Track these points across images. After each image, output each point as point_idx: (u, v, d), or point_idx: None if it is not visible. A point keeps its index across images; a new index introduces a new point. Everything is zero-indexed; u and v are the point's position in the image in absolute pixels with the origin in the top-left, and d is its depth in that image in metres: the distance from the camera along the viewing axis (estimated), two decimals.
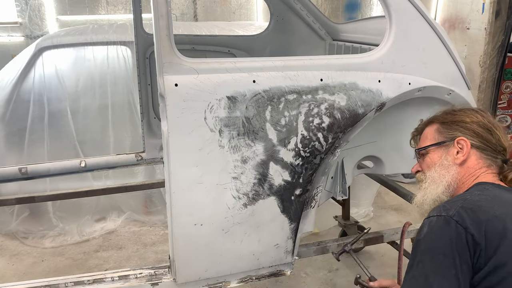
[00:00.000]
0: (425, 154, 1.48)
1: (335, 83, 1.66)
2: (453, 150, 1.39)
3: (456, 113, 1.45)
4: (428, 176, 1.43)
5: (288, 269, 1.89)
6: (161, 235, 3.51)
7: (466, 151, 1.37)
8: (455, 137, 1.39)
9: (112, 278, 1.77)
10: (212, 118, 1.53)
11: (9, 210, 3.39)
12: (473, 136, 1.38)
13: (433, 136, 1.46)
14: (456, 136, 1.39)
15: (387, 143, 2.09)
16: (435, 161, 1.43)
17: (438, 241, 1.17)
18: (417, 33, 1.78)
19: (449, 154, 1.39)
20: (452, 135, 1.41)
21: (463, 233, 1.14)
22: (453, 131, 1.41)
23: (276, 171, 1.67)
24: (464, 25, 4.69)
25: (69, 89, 3.40)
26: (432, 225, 1.21)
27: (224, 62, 1.55)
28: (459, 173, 1.38)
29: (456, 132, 1.40)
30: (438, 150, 1.43)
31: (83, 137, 3.43)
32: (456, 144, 1.38)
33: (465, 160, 1.37)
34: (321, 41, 2.92)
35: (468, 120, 1.40)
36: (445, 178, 1.38)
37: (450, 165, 1.38)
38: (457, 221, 1.16)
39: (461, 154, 1.37)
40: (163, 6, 1.41)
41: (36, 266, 3.11)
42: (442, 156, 1.41)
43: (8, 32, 4.68)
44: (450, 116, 1.45)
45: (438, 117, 1.49)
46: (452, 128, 1.42)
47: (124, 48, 3.49)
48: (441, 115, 1.49)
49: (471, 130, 1.39)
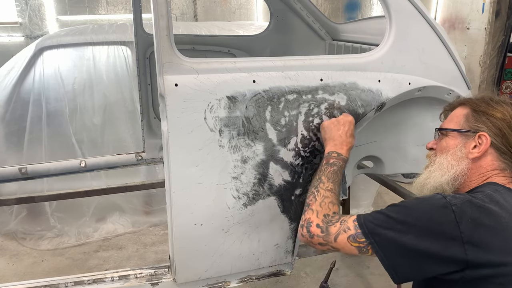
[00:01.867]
0: (444, 135, 1.40)
1: (335, 83, 1.66)
2: (471, 142, 1.31)
3: (491, 105, 1.33)
4: (438, 160, 1.36)
5: (288, 269, 1.89)
6: (161, 235, 3.51)
7: (483, 148, 1.28)
8: (478, 130, 1.30)
9: (112, 278, 1.77)
10: (212, 118, 1.53)
11: (7, 210, 3.39)
12: (497, 135, 1.29)
13: (459, 120, 1.37)
14: (480, 129, 1.30)
15: (387, 143, 2.09)
16: (449, 148, 1.35)
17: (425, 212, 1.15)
18: (417, 33, 1.78)
19: (465, 146, 1.32)
20: (477, 127, 1.31)
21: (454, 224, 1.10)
22: (480, 124, 1.31)
23: (276, 171, 1.67)
24: (464, 25, 4.69)
25: (69, 89, 3.40)
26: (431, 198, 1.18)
27: (224, 62, 1.55)
28: (470, 169, 1.30)
29: (482, 125, 1.30)
30: (457, 137, 1.35)
31: (83, 137, 3.43)
32: (477, 138, 1.30)
33: (480, 157, 1.29)
34: (321, 41, 2.92)
35: (499, 116, 1.30)
36: (453, 169, 1.31)
37: (463, 157, 1.31)
38: (455, 211, 1.12)
39: (477, 149, 1.29)
40: (163, 6, 1.41)
41: (36, 266, 3.11)
42: (459, 145, 1.33)
43: (8, 32, 4.69)
44: (484, 106, 1.33)
45: (473, 101, 1.38)
46: (480, 119, 1.31)
47: (124, 48, 3.49)
48: (477, 100, 1.37)
49: (497, 128, 1.29)
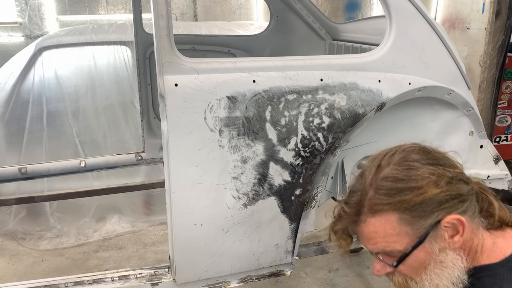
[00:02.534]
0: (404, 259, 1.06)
1: (335, 83, 1.66)
2: (441, 235, 1.02)
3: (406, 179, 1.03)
4: (425, 279, 1.07)
5: (288, 269, 1.89)
6: (161, 235, 3.51)
7: (462, 229, 1.02)
8: (437, 220, 1.01)
9: (112, 278, 1.77)
10: (212, 118, 1.53)
11: (7, 210, 3.38)
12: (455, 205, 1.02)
13: (400, 231, 1.03)
14: (438, 218, 1.01)
15: (387, 143, 2.08)
16: (425, 261, 1.05)
17: None
18: (417, 33, 1.78)
19: (439, 244, 1.03)
20: (432, 219, 1.01)
21: None
22: (429, 213, 1.01)
23: (276, 171, 1.67)
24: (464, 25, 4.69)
25: (68, 89, 3.40)
26: None
27: (224, 62, 1.55)
28: (465, 249, 1.06)
29: (433, 213, 1.01)
30: (424, 246, 1.03)
31: (83, 137, 3.42)
32: (443, 228, 1.02)
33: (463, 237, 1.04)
34: (321, 41, 2.92)
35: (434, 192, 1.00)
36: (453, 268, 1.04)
37: (450, 256, 1.04)
38: None
39: (458, 236, 1.03)
40: (163, 6, 1.41)
41: (36, 266, 3.10)
42: (433, 250, 1.03)
43: (8, 32, 4.69)
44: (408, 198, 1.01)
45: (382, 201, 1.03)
46: (424, 209, 1.01)
47: (124, 48, 3.49)
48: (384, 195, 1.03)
49: (444, 199, 1.01)
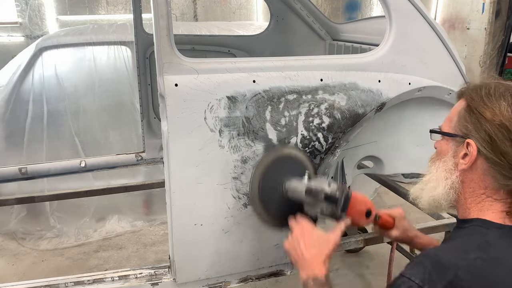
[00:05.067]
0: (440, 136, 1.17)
1: (335, 83, 1.66)
2: (461, 150, 1.07)
3: (484, 99, 1.05)
4: (432, 169, 1.16)
5: (288, 269, 1.89)
6: (161, 235, 3.51)
7: (469, 160, 1.05)
8: (468, 134, 1.05)
9: (112, 278, 1.77)
10: (212, 118, 1.53)
11: (7, 210, 3.38)
12: (485, 141, 1.02)
13: (453, 118, 1.12)
14: (469, 134, 1.05)
15: (387, 143, 2.09)
16: (442, 154, 1.14)
17: None
18: (417, 33, 1.78)
19: (456, 153, 1.09)
20: (467, 130, 1.06)
21: None
22: (469, 125, 1.05)
23: None
24: (464, 25, 4.70)
25: (68, 89, 3.40)
26: None
27: (224, 62, 1.55)
28: (462, 182, 1.09)
29: (472, 127, 1.05)
30: (449, 142, 1.12)
31: (83, 137, 3.42)
32: (465, 146, 1.06)
33: (470, 169, 1.07)
34: (321, 41, 2.93)
35: (489, 117, 1.01)
36: (444, 181, 1.11)
37: (452, 168, 1.10)
38: None
39: (464, 160, 1.07)
40: (163, 6, 1.41)
41: (36, 266, 3.11)
42: (450, 152, 1.11)
43: (8, 32, 4.68)
44: (478, 100, 1.05)
45: (470, 92, 1.09)
46: (470, 119, 1.05)
47: (124, 48, 3.49)
48: (474, 91, 1.08)
49: (485, 131, 1.02)
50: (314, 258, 1.22)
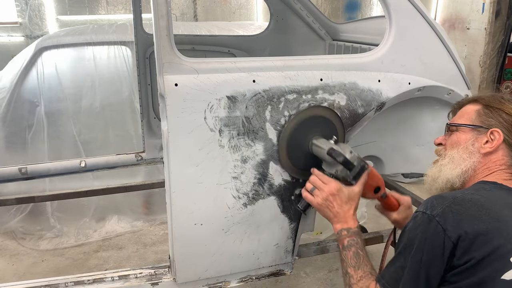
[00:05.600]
0: (454, 130, 1.44)
1: (335, 82, 1.66)
2: (483, 138, 1.35)
3: (502, 102, 1.38)
4: (449, 154, 1.40)
5: (288, 269, 1.89)
6: (161, 235, 3.51)
7: (495, 144, 1.33)
8: (491, 125, 1.35)
9: (112, 278, 1.77)
10: (212, 118, 1.53)
11: (7, 210, 3.38)
12: (510, 131, 1.33)
13: (471, 116, 1.41)
14: (492, 125, 1.35)
15: (387, 143, 2.09)
16: (460, 142, 1.39)
17: (417, 237, 1.19)
18: (417, 33, 1.79)
19: (477, 141, 1.36)
20: (490, 123, 1.36)
21: (441, 233, 1.14)
22: (492, 119, 1.36)
23: (276, 171, 1.67)
24: (464, 25, 4.70)
25: (69, 89, 3.40)
26: (417, 220, 1.22)
27: (224, 62, 1.55)
28: (480, 162, 1.35)
29: (494, 121, 1.35)
30: (469, 132, 1.39)
31: (83, 137, 3.43)
32: (489, 134, 1.34)
33: (491, 152, 1.34)
34: (321, 41, 2.93)
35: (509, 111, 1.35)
36: (464, 163, 1.35)
37: (474, 152, 1.35)
38: (438, 221, 1.16)
39: (489, 144, 1.34)
40: (163, 6, 1.41)
41: (36, 266, 3.11)
42: (470, 140, 1.37)
43: (8, 32, 4.69)
44: (496, 103, 1.39)
45: (483, 98, 1.43)
46: (492, 115, 1.37)
47: (124, 48, 3.49)
48: (488, 98, 1.42)
49: (506, 122, 1.34)
50: (347, 213, 1.46)
